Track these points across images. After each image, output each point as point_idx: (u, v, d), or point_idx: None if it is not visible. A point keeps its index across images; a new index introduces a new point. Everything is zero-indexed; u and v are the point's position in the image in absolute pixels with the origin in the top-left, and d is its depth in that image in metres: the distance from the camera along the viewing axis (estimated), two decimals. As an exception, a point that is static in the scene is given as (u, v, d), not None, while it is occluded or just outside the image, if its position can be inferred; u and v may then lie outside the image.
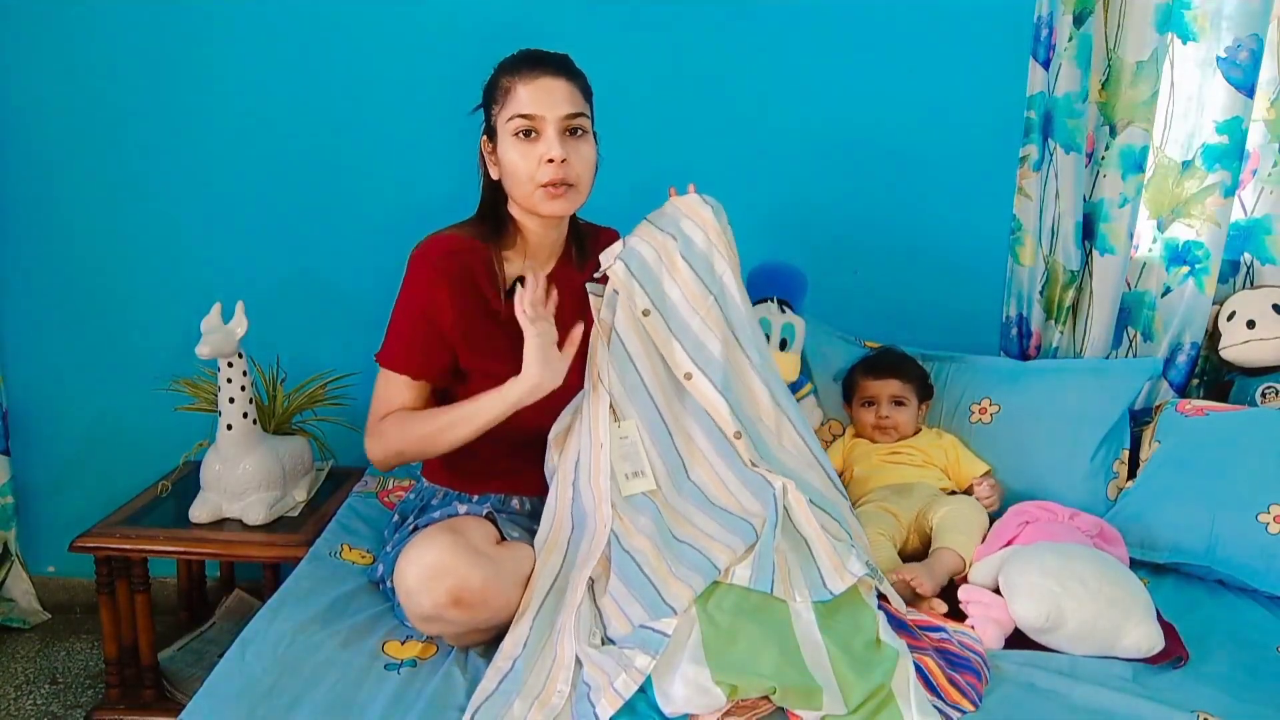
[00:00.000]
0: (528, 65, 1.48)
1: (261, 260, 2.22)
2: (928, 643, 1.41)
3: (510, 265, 1.57)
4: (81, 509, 2.09)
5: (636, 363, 1.52)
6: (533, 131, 1.46)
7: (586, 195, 1.53)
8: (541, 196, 1.48)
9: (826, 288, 2.13)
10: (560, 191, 1.47)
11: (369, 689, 1.29)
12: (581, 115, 1.49)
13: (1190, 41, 2.07)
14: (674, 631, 1.28)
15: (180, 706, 1.30)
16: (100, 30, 2.12)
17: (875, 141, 2.16)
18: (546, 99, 1.46)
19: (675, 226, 1.56)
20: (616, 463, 1.47)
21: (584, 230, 1.67)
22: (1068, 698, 1.32)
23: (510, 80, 1.48)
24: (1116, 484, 1.93)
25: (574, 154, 1.48)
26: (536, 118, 1.45)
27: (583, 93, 1.51)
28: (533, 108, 1.45)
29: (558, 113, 1.46)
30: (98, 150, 2.18)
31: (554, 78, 1.47)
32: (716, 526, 1.44)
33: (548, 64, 1.49)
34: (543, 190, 1.47)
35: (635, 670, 1.24)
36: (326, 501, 2.00)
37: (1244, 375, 2.11)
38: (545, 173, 1.46)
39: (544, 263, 1.60)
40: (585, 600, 1.37)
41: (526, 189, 1.48)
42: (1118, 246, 2.10)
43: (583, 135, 1.50)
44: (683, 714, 1.21)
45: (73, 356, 2.28)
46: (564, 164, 1.46)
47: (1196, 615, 1.59)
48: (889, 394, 1.95)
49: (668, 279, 1.55)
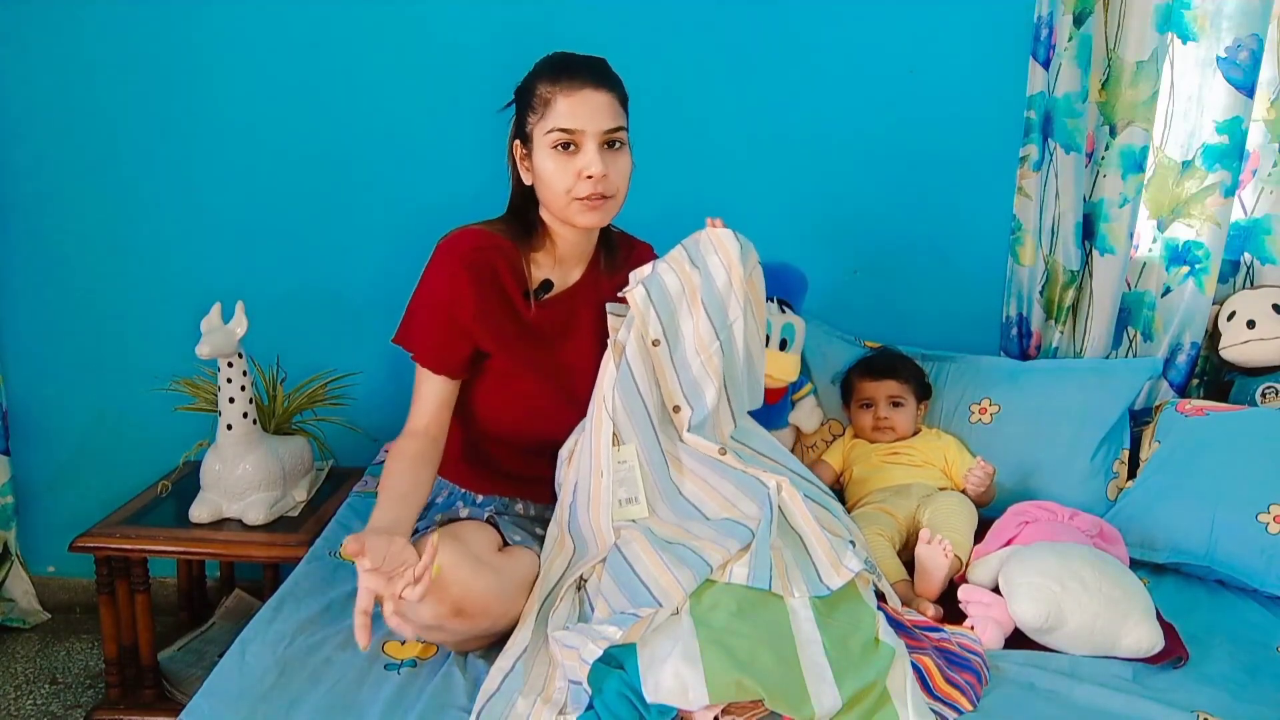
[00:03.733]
0: (568, 75, 1.44)
1: (262, 260, 2.22)
2: (927, 643, 1.41)
3: (538, 268, 1.56)
4: (81, 509, 2.10)
5: (640, 387, 1.50)
6: (572, 145, 1.44)
7: (621, 205, 1.52)
8: (579, 209, 1.46)
9: (826, 288, 2.13)
10: (597, 204, 1.46)
11: (369, 689, 1.29)
12: (620, 129, 1.47)
13: (1190, 41, 2.07)
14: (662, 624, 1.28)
15: (180, 706, 1.30)
16: (101, 30, 2.12)
17: (875, 141, 2.16)
18: (587, 113, 1.43)
19: (703, 260, 1.53)
20: (614, 487, 1.47)
21: (616, 239, 1.65)
22: (1068, 698, 1.32)
23: (550, 90, 1.44)
24: (1116, 484, 1.93)
25: (612, 167, 1.45)
26: (577, 132, 1.43)
27: (621, 102, 1.48)
28: (573, 122, 1.42)
29: (599, 127, 1.43)
30: (98, 150, 2.19)
31: (595, 89, 1.44)
32: (712, 532, 1.44)
33: (588, 73, 1.45)
34: (580, 203, 1.45)
35: (603, 639, 1.24)
36: (326, 501, 2.00)
37: (1244, 375, 2.11)
38: (584, 187, 1.44)
39: (572, 269, 1.59)
40: (569, 594, 1.38)
41: (562, 201, 1.46)
42: (1118, 246, 2.10)
43: (620, 147, 1.48)
44: (670, 708, 1.21)
45: (73, 357, 2.28)
46: (603, 178, 1.44)
47: (1196, 615, 1.59)
48: (886, 395, 1.95)
49: (685, 314, 1.52)
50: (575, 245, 1.56)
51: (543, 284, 1.55)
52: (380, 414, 2.16)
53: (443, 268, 1.48)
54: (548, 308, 1.55)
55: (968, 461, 1.91)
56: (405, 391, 1.52)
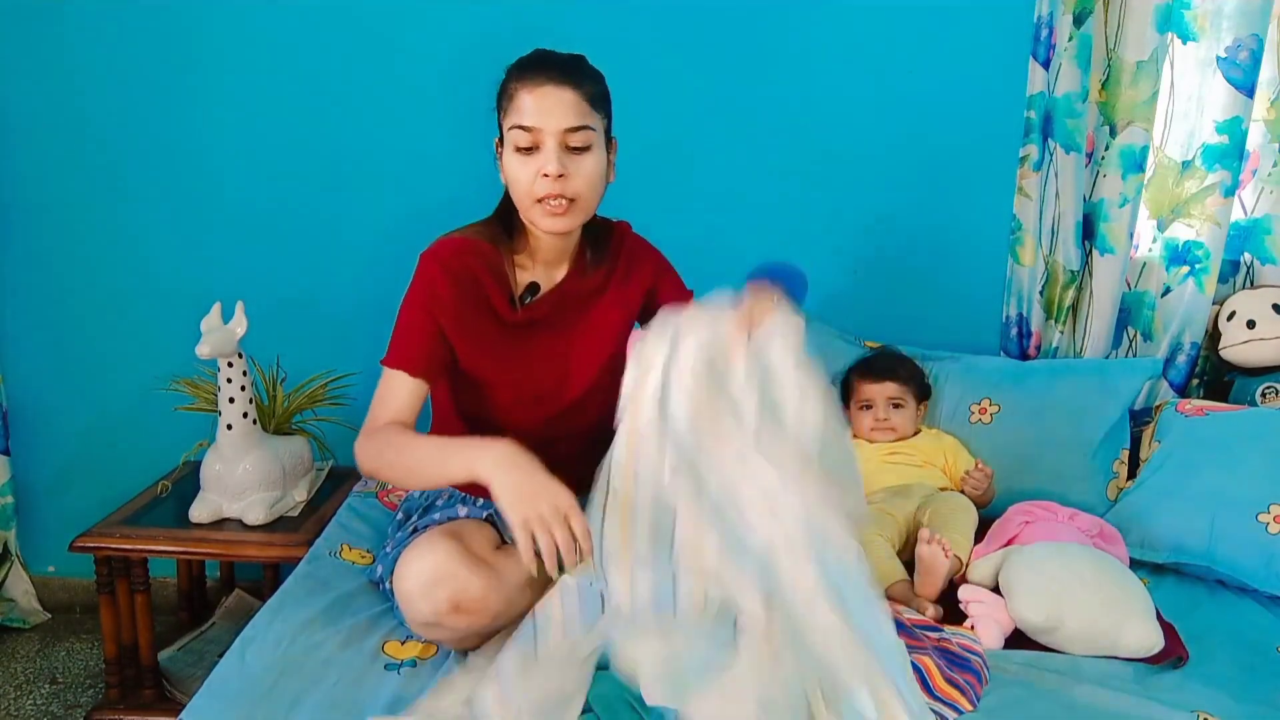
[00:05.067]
0: (533, 70, 1.39)
1: (261, 260, 2.22)
2: (927, 643, 1.41)
3: (522, 271, 1.53)
4: (81, 509, 2.09)
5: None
6: (534, 145, 1.38)
7: (591, 210, 1.46)
8: (540, 212, 1.41)
9: (826, 288, 2.13)
10: (559, 209, 1.40)
11: (369, 689, 1.29)
12: (585, 129, 1.39)
13: (1190, 41, 2.07)
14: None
15: (180, 706, 1.30)
16: (101, 30, 2.12)
17: (875, 141, 2.16)
18: (548, 110, 1.36)
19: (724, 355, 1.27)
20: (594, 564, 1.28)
21: (599, 229, 1.58)
22: (1068, 698, 1.32)
23: (515, 86, 1.40)
24: (1116, 484, 1.93)
25: (575, 169, 1.39)
26: (535, 130, 1.37)
27: (591, 101, 1.41)
28: (532, 119, 1.37)
29: (558, 125, 1.37)
30: (98, 151, 2.18)
31: (559, 86, 1.37)
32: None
33: (554, 70, 1.39)
34: (540, 205, 1.40)
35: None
36: (326, 501, 2.00)
37: (1244, 375, 2.11)
38: (541, 186, 1.38)
39: (555, 267, 1.55)
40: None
41: (525, 203, 1.42)
42: (1118, 246, 2.10)
43: (587, 149, 1.40)
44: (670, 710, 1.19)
45: (73, 356, 2.28)
46: (561, 179, 1.38)
47: (1196, 615, 1.59)
48: (886, 397, 1.95)
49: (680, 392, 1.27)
50: (554, 245, 1.51)
51: (529, 287, 1.52)
52: (380, 414, 2.17)
53: (424, 274, 1.46)
54: (534, 309, 1.52)
55: (968, 462, 1.91)
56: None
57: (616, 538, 1.26)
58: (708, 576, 1.23)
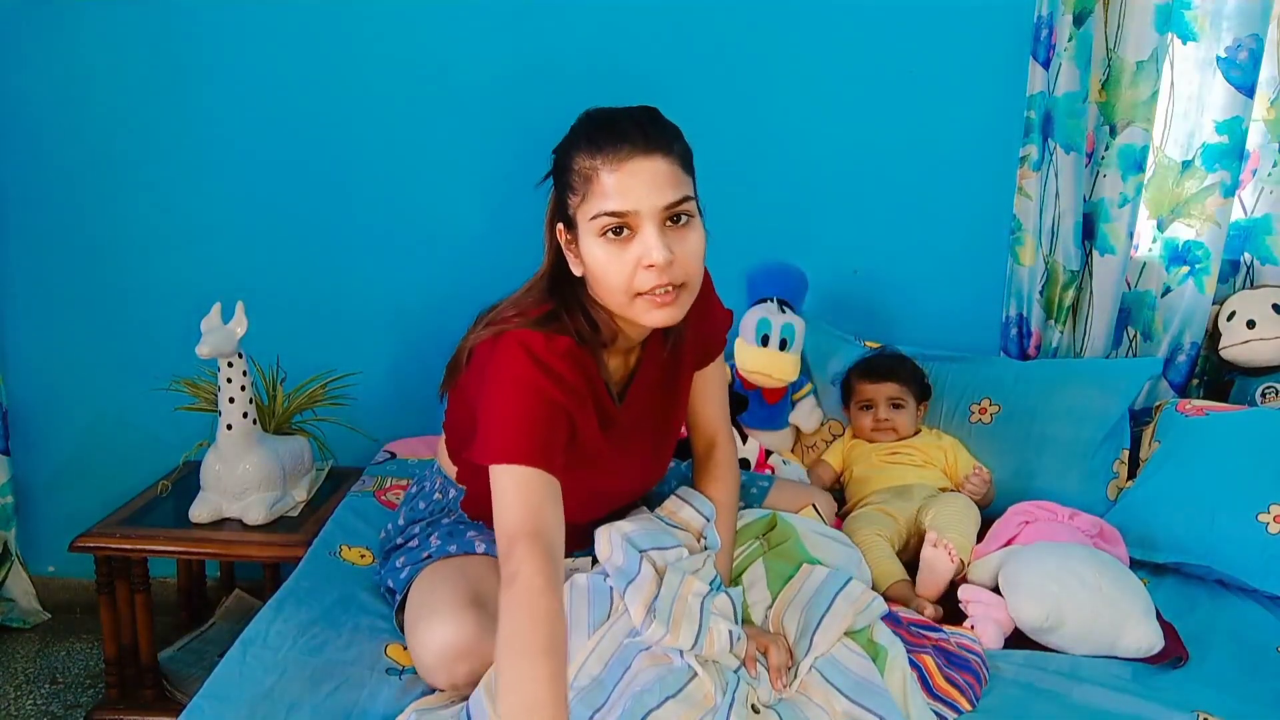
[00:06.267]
0: (608, 141, 1.17)
1: (262, 260, 2.22)
2: (927, 642, 1.41)
3: (613, 364, 1.34)
4: (81, 509, 2.09)
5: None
6: (625, 229, 1.17)
7: (697, 291, 1.23)
8: (644, 306, 1.19)
9: (826, 288, 2.13)
10: (668, 298, 1.18)
11: (369, 692, 1.29)
12: (686, 199, 1.19)
13: (1190, 41, 2.07)
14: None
15: (180, 706, 1.30)
16: (101, 30, 2.12)
17: (875, 141, 2.16)
18: (641, 189, 1.15)
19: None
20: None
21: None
22: (1068, 698, 1.32)
23: (590, 164, 1.17)
24: (1116, 484, 1.93)
25: (680, 249, 1.18)
26: (629, 214, 1.16)
27: (683, 164, 1.21)
28: (623, 202, 1.15)
29: (656, 204, 1.16)
30: (98, 150, 2.18)
31: (647, 156, 1.16)
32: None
33: (636, 137, 1.17)
34: (644, 299, 1.18)
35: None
36: (326, 501, 2.00)
37: (1244, 375, 2.11)
38: (646, 279, 1.17)
39: (634, 352, 1.36)
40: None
41: (621, 299, 1.19)
42: (1118, 246, 2.10)
43: (688, 221, 1.20)
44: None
45: (73, 356, 2.28)
46: (669, 266, 1.16)
47: (1196, 615, 1.59)
48: (886, 396, 1.96)
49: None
50: (644, 330, 1.31)
51: (625, 386, 1.36)
52: (380, 414, 2.16)
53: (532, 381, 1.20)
54: (631, 405, 1.36)
55: (968, 461, 1.92)
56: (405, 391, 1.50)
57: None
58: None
